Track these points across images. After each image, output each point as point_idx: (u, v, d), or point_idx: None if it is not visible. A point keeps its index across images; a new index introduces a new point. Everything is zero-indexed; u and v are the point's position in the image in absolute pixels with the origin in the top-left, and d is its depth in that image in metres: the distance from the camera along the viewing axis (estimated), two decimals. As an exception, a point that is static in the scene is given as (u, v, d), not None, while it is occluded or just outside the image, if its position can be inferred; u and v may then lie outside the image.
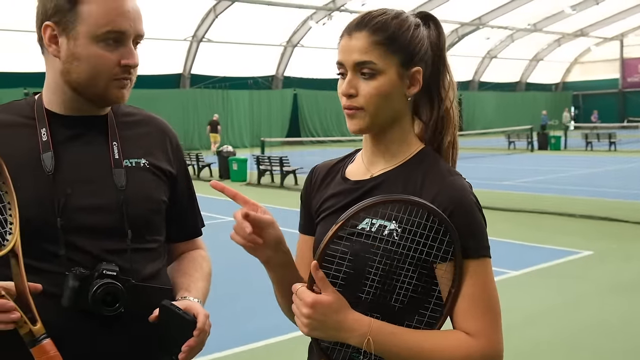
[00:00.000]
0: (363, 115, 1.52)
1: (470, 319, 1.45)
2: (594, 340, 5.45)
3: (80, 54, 1.65)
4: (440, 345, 1.43)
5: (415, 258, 1.46)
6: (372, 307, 1.46)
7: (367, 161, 1.63)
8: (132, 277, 1.67)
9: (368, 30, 1.50)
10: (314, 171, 1.75)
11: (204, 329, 1.62)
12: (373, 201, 1.42)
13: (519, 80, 48.70)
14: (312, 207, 1.70)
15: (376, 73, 1.49)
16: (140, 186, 1.75)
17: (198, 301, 1.73)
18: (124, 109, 1.86)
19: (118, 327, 1.66)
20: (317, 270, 1.38)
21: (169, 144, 1.89)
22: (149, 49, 29.01)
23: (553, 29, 41.37)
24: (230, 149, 19.85)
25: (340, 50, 1.54)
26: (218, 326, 2.05)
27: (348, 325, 1.40)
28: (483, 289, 1.46)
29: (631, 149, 27.03)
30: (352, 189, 1.60)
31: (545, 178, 17.40)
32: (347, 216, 1.41)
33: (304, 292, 1.40)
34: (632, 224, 10.35)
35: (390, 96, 1.51)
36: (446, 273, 1.46)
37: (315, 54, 34.15)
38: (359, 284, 1.47)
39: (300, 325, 1.41)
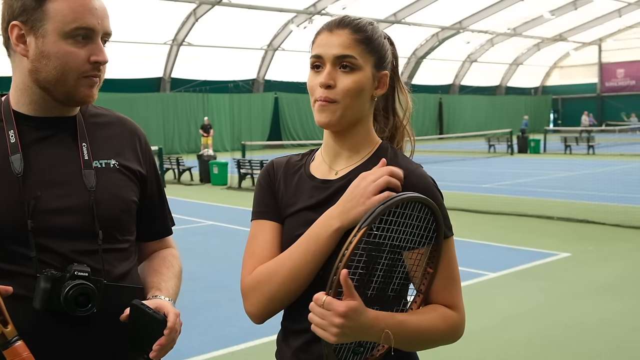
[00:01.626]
0: (335, 109, 1.60)
1: (447, 294, 1.62)
2: (571, 342, 5.50)
3: (49, 52, 1.65)
4: (433, 322, 1.58)
5: (407, 248, 1.55)
6: (374, 301, 1.52)
7: (329, 160, 1.70)
8: (104, 278, 1.67)
9: (350, 29, 1.61)
10: (273, 164, 1.78)
11: (175, 328, 1.62)
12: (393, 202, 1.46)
13: (499, 84, 49.07)
14: (277, 197, 1.72)
15: (355, 68, 1.60)
16: (110, 187, 1.75)
17: (169, 300, 1.74)
18: (92, 110, 1.85)
19: (91, 327, 1.66)
20: (347, 279, 1.40)
21: (138, 144, 1.89)
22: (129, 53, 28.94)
23: (532, 34, 41.79)
24: (210, 153, 19.80)
25: (319, 45, 1.62)
26: (197, 330, 2.05)
27: (369, 324, 1.45)
28: (453, 264, 1.64)
29: (609, 152, 27.30)
30: (321, 187, 1.67)
31: (525, 181, 17.55)
32: (370, 220, 1.43)
33: (334, 302, 1.41)
34: (610, 227, 10.47)
35: (363, 93, 1.62)
36: (421, 256, 1.57)
37: (296, 58, 34.14)
38: (368, 283, 1.53)
39: (329, 335, 1.42)
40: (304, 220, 1.63)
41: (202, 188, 17.82)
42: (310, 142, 30.37)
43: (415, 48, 39.35)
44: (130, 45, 27.04)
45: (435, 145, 32.99)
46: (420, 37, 38.14)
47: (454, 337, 1.63)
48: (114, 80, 26.25)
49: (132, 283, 1.79)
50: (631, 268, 8.00)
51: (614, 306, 6.43)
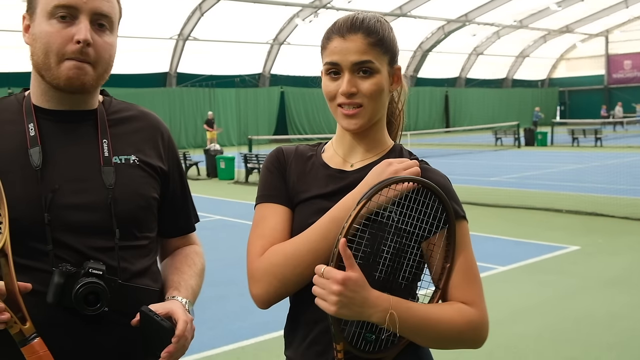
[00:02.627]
0: (363, 114, 1.62)
1: (465, 291, 1.59)
2: (581, 335, 5.49)
3: (36, 34, 1.65)
4: (445, 316, 1.55)
5: (419, 235, 1.58)
6: (384, 286, 1.52)
7: (343, 152, 1.72)
8: (120, 275, 1.67)
9: (363, 32, 1.61)
10: (282, 150, 1.77)
11: (183, 335, 1.60)
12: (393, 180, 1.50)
13: (505, 77, 48.90)
14: (288, 182, 1.71)
15: (374, 71, 1.61)
16: (130, 183, 1.74)
17: (186, 302, 1.73)
18: (116, 104, 1.84)
19: (104, 325, 1.66)
20: (346, 248, 1.43)
21: (160, 139, 1.87)
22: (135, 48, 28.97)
23: (539, 26, 41.58)
24: (217, 148, 19.81)
25: (334, 52, 1.62)
26: (206, 325, 2.05)
27: (372, 301, 1.46)
28: (472, 262, 1.62)
29: (617, 144, 27.18)
30: (337, 176, 1.68)
31: (533, 174, 17.49)
32: (369, 195, 1.47)
33: (332, 271, 1.44)
34: (619, 219, 10.43)
35: (384, 92, 1.65)
36: (436, 247, 1.58)
37: (301, 52, 34.15)
38: (373, 264, 1.54)
39: (328, 304, 1.44)
40: (317, 207, 1.64)
41: (209, 183, 17.84)
42: (317, 135, 30.34)
43: (421, 41, 39.24)
44: (136, 40, 27.03)
45: (442, 139, 32.94)
46: (426, 30, 38.03)
47: (474, 337, 1.58)
48: (119, 75, 26.26)
49: (151, 280, 1.78)
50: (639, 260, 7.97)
51: (623, 299, 6.41)
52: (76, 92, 1.69)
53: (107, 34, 1.69)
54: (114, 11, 1.70)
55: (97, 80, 1.70)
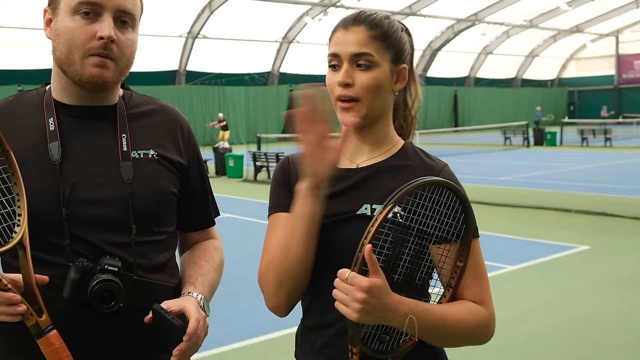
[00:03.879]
0: (360, 107, 1.60)
1: (476, 290, 1.60)
2: (590, 334, 5.47)
3: (59, 29, 1.66)
4: (460, 316, 1.55)
5: (437, 237, 1.57)
6: (401, 287, 1.52)
7: (348, 152, 1.69)
8: (136, 271, 1.67)
9: (366, 25, 1.59)
10: (289, 159, 1.76)
11: (195, 334, 1.60)
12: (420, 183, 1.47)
13: (514, 77, 48.73)
14: (294, 190, 1.69)
15: (372, 65, 1.59)
16: (148, 178, 1.74)
17: (201, 298, 1.73)
18: (136, 98, 1.85)
19: (120, 320, 1.67)
20: (372, 254, 1.40)
21: (180, 133, 1.87)
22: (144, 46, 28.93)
23: (549, 25, 41.41)
24: (226, 146, 19.83)
25: (336, 43, 1.61)
26: (216, 323, 2.06)
27: (393, 307, 1.45)
28: (482, 263, 1.63)
29: (626, 144, 26.99)
30: (343, 176, 1.65)
31: (542, 174, 17.44)
32: (397, 199, 1.45)
33: (357, 277, 1.41)
34: (628, 219, 10.40)
35: (383, 89, 1.61)
36: (452, 250, 1.58)
37: (311, 50, 34.11)
38: (394, 266, 1.53)
39: (351, 311, 1.42)
40: (330, 208, 1.62)
41: (217, 181, 17.86)
42: (325, 134, 30.26)
43: (431, 40, 39.15)
44: (145, 38, 27.10)
45: (451, 138, 32.86)
46: (435, 29, 37.93)
47: (483, 335, 1.60)
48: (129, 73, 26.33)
49: (168, 275, 1.78)
50: (651, 261, 7.93)
51: (633, 299, 6.39)
52: (97, 90, 1.70)
53: (130, 31, 1.70)
54: (136, 8, 1.71)
55: (119, 77, 1.71)
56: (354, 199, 1.61)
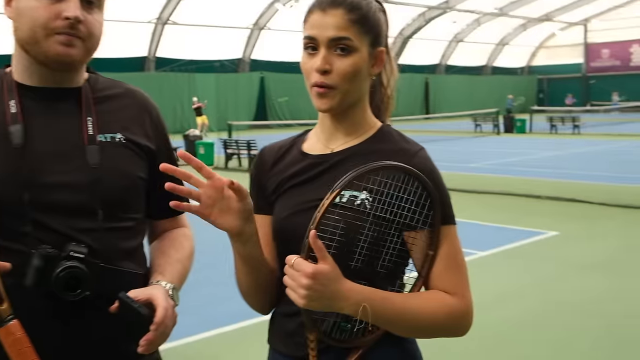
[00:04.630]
0: (334, 94, 1.54)
1: (448, 279, 1.54)
2: (561, 320, 5.52)
3: (21, 8, 1.59)
4: (425, 305, 1.50)
5: (401, 224, 1.52)
6: (360, 275, 1.48)
7: (325, 138, 1.65)
8: (103, 258, 1.61)
9: (345, 8, 1.53)
10: (263, 152, 1.74)
11: (163, 323, 1.55)
12: (370, 167, 1.43)
13: (485, 64, 49.06)
14: (268, 187, 1.68)
15: (351, 50, 1.53)
16: (115, 163, 1.68)
17: (170, 287, 1.68)
18: (102, 81, 1.78)
19: (86, 309, 1.60)
20: (316, 239, 1.37)
21: (148, 117, 1.81)
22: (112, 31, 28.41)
23: (519, 13, 41.72)
24: (196, 133, 19.67)
25: (313, 26, 1.54)
26: (186, 312, 2.01)
27: (343, 294, 1.41)
28: (456, 250, 1.57)
29: (595, 132, 27.46)
30: (316, 162, 1.62)
31: (512, 160, 17.60)
32: (343, 184, 1.41)
33: (303, 263, 1.38)
34: (597, 205, 10.53)
35: (361, 74, 1.56)
36: (422, 237, 1.53)
37: (282, 37, 33.95)
38: (349, 253, 1.48)
39: (297, 297, 1.39)
40: (294, 202, 1.60)
41: (187, 168, 17.51)
42: (297, 121, 30.20)
43: (402, 28, 39.18)
44: (113, 23, 26.66)
45: (422, 125, 32.99)
46: (406, 16, 37.98)
47: (456, 327, 1.55)
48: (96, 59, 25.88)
49: (136, 263, 1.72)
50: (619, 246, 8.05)
51: (602, 284, 6.47)
52: (63, 69, 1.64)
53: (96, 12, 1.65)
54: None
55: (85, 57, 1.65)
56: (326, 185, 1.55)
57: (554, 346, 4.96)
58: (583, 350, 4.85)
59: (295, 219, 1.57)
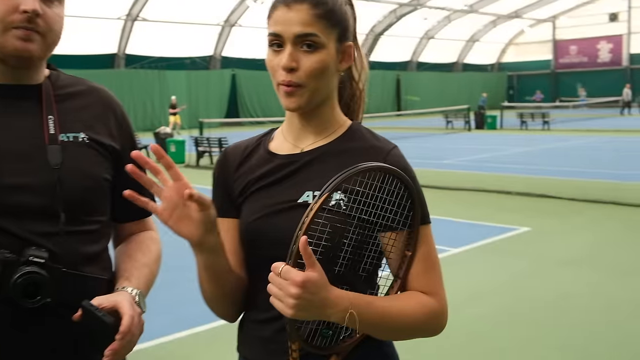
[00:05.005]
0: (302, 93, 1.49)
1: (425, 280, 1.52)
2: (535, 316, 5.54)
3: None
4: (406, 307, 1.47)
5: (381, 225, 1.48)
6: (343, 280, 1.43)
7: (292, 137, 1.60)
8: (65, 263, 1.53)
9: (309, 3, 1.46)
10: (227, 153, 1.67)
11: (130, 331, 1.49)
12: (358, 169, 1.38)
13: (456, 61, 49.37)
14: (234, 189, 1.61)
15: (318, 46, 1.47)
16: (78, 163, 1.60)
17: (136, 293, 1.61)
18: (64, 78, 1.70)
19: (47, 317, 1.53)
20: (307, 247, 1.30)
21: (113, 116, 1.74)
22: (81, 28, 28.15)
23: (488, 10, 42.08)
24: (167, 131, 19.48)
25: (277, 22, 1.48)
26: (158, 312, 1.94)
27: (332, 301, 1.35)
28: (432, 252, 1.55)
29: (564, 128, 27.79)
30: (285, 162, 1.56)
31: (483, 157, 17.72)
32: (332, 187, 1.35)
33: (291, 272, 1.31)
34: (568, 200, 10.62)
35: (329, 71, 1.51)
36: (399, 238, 1.50)
37: (253, 34, 33.76)
38: (333, 257, 1.43)
39: (285, 307, 1.32)
40: (263, 204, 1.54)
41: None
42: (269, 119, 30.12)
43: (373, 25, 39.27)
44: (81, 19, 26.29)
45: (393, 122, 33.12)
46: (378, 13, 38.06)
47: (434, 327, 1.53)
48: (64, 56, 25.56)
49: (100, 268, 1.65)
50: (590, 242, 8.12)
51: (577, 280, 6.51)
52: (21, 65, 1.57)
53: (56, 5, 1.57)
54: None
55: (45, 52, 1.58)
56: (296, 187, 1.51)
57: (527, 343, 4.97)
58: (557, 347, 4.86)
59: (265, 222, 1.51)
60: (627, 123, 29.61)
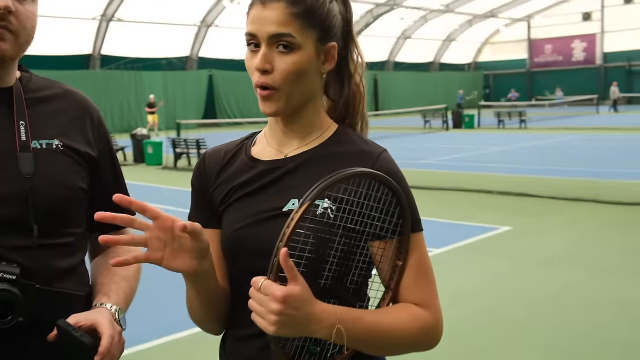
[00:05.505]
0: (278, 97, 1.40)
1: (418, 291, 1.43)
2: (517, 315, 5.51)
3: None
4: (397, 321, 1.39)
5: (369, 234, 1.39)
6: (330, 293, 1.35)
7: (276, 143, 1.51)
8: (39, 279, 1.44)
9: (285, 1, 1.37)
10: (206, 158, 1.57)
11: (109, 353, 1.40)
12: (342, 175, 1.29)
13: (432, 61, 49.57)
14: (214, 197, 1.52)
15: (294, 47, 1.38)
16: (52, 172, 1.50)
17: (116, 309, 1.52)
18: (36, 81, 1.60)
19: (21, 337, 1.43)
20: (287, 259, 1.22)
21: (89, 121, 1.64)
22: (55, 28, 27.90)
23: (464, 10, 42.32)
24: (144, 132, 19.26)
25: (252, 21, 1.40)
26: (138, 319, 1.86)
27: (316, 316, 1.27)
28: (424, 258, 1.47)
29: (540, 126, 28.00)
30: (268, 169, 1.47)
31: (462, 156, 17.75)
32: (314, 195, 1.27)
33: (271, 286, 1.23)
34: (547, 199, 10.65)
35: (307, 73, 1.41)
36: (388, 247, 1.42)
37: (230, 34, 33.62)
38: (319, 270, 1.35)
39: (267, 324, 1.24)
40: (246, 213, 1.45)
41: (136, 168, 17.32)
42: (246, 120, 29.97)
43: (350, 24, 39.27)
44: (56, 20, 25.94)
45: (371, 122, 32.79)
46: (354, 13, 36.81)
47: (428, 341, 1.43)
48: (38, 56, 25.18)
49: (77, 283, 1.55)
50: (570, 240, 8.14)
51: (557, 278, 6.50)
52: None
53: (29, 2, 1.48)
54: None
55: (18, 52, 1.48)
56: (281, 194, 1.42)
57: (511, 344, 4.94)
58: (541, 348, 4.83)
59: (248, 232, 1.43)
60: (602, 121, 29.91)
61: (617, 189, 11.14)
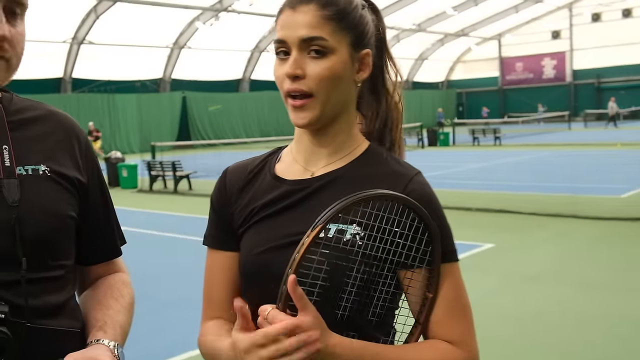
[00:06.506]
0: (313, 105, 1.29)
1: (450, 327, 1.31)
2: (503, 333, 5.42)
3: None
4: (421, 359, 1.27)
5: (395, 262, 1.28)
6: (349, 326, 1.24)
7: (303, 159, 1.40)
8: (30, 316, 1.30)
9: (317, 4, 1.28)
10: (227, 175, 1.46)
11: None
12: (359, 197, 1.18)
13: (406, 79, 49.82)
14: (234, 218, 1.41)
15: (327, 51, 1.29)
16: (39, 200, 1.37)
17: (114, 345, 1.39)
18: (18, 102, 1.48)
19: None
20: (296, 286, 1.12)
21: (77, 145, 1.51)
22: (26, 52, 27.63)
23: (436, 29, 42.79)
24: (118, 155, 19.00)
25: (282, 26, 1.30)
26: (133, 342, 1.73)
27: (329, 350, 1.16)
28: (459, 292, 1.35)
29: (515, 142, 28.24)
30: (294, 189, 1.36)
31: (439, 174, 17.74)
32: (327, 218, 1.16)
33: (279, 316, 1.13)
34: (527, 215, 10.65)
35: (341, 80, 1.31)
36: (420, 277, 1.30)
37: (203, 56, 33.55)
38: (335, 300, 1.24)
39: None
40: (268, 236, 1.34)
41: (111, 192, 16.87)
42: (220, 141, 29.84)
43: (324, 44, 39.47)
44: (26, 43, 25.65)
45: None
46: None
47: None
48: (10, 81, 24.93)
49: (69, 318, 1.41)
50: (554, 255, 8.10)
51: (542, 295, 6.44)
52: None
53: (19, 23, 1.38)
54: None
55: (8, 78, 1.37)
56: (306, 217, 1.29)
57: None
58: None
59: (269, 257, 1.31)
60: (575, 137, 30.25)
61: (594, 204, 11.18)
